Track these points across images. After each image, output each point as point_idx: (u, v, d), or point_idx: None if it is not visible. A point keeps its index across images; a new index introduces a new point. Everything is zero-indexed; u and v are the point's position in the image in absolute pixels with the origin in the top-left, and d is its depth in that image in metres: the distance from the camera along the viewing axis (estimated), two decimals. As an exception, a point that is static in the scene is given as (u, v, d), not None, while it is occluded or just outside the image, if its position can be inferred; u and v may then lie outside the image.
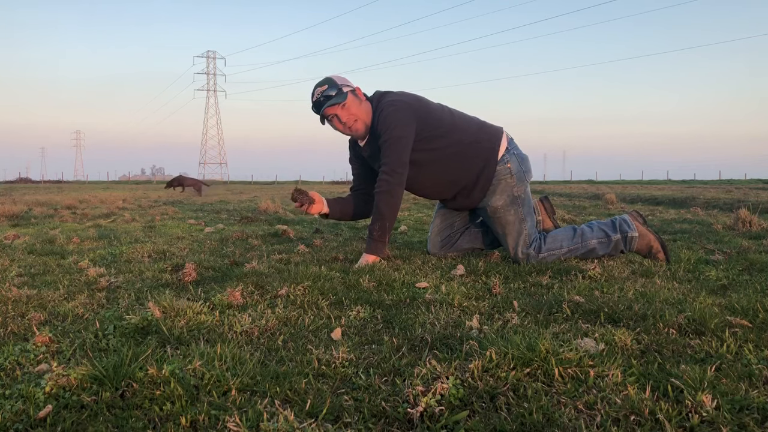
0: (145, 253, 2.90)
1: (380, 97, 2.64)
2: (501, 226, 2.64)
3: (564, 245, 2.59)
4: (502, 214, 2.63)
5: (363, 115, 2.62)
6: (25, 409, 1.02)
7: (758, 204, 6.05)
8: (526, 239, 2.59)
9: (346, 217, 2.85)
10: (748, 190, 13.34)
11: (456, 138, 2.62)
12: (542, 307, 1.71)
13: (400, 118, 2.53)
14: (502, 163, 2.64)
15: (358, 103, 2.61)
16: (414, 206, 7.40)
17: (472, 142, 2.63)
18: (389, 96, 2.63)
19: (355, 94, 2.62)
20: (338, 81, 2.62)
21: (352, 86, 2.63)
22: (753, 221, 3.89)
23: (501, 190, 2.63)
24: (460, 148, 2.61)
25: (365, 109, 2.62)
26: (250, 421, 0.96)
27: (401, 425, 0.98)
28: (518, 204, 2.63)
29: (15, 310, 1.73)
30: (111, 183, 46.71)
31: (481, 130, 2.69)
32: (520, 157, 2.70)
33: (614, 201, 8.56)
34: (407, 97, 2.64)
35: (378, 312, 1.69)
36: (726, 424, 0.94)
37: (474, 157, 2.63)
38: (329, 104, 2.56)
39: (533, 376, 1.15)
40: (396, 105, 2.56)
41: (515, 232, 2.60)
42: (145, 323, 1.52)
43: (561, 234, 2.63)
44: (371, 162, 2.75)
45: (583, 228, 2.65)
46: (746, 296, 1.77)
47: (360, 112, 2.61)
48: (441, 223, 2.87)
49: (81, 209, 6.86)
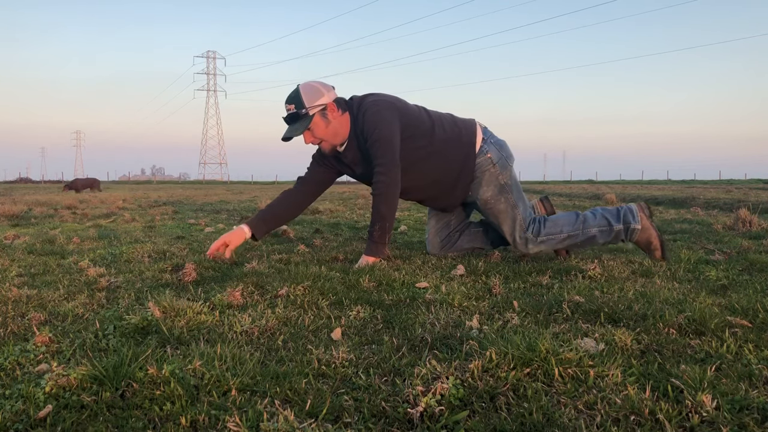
0: (145, 253, 2.90)
1: (361, 100, 2.58)
2: (494, 216, 2.65)
3: (564, 230, 2.56)
4: (493, 204, 2.63)
5: (330, 136, 2.56)
6: (25, 409, 1.02)
7: (758, 204, 6.05)
8: (522, 224, 2.58)
9: (282, 223, 2.82)
10: (748, 190, 13.35)
11: (436, 137, 2.59)
12: (542, 307, 1.71)
13: (386, 117, 2.50)
14: (482, 154, 2.62)
15: (324, 124, 2.52)
16: (414, 206, 7.40)
17: (450, 139, 2.61)
18: (371, 97, 2.58)
19: (324, 114, 2.51)
20: (308, 98, 2.49)
21: (323, 103, 2.50)
22: (753, 221, 3.89)
23: (486, 181, 2.62)
24: (440, 146, 2.59)
25: (335, 128, 2.54)
26: (250, 421, 0.96)
27: (401, 425, 0.98)
28: (507, 191, 2.62)
29: (15, 310, 1.73)
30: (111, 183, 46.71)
31: (456, 125, 2.66)
32: (498, 145, 2.67)
33: (614, 201, 8.56)
34: (388, 97, 2.61)
35: (378, 312, 1.69)
36: (726, 424, 0.94)
37: (455, 154, 2.60)
38: (292, 134, 2.51)
39: (533, 376, 1.15)
40: (380, 105, 2.52)
41: (510, 219, 2.60)
42: (145, 323, 1.52)
43: (563, 219, 2.59)
44: (353, 166, 2.67)
45: (586, 214, 2.63)
46: (746, 296, 1.77)
47: (326, 133, 2.54)
48: (437, 224, 2.86)
49: (81, 209, 6.86)
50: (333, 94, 2.57)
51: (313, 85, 2.55)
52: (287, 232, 3.83)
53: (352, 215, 5.82)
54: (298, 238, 3.66)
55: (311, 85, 2.55)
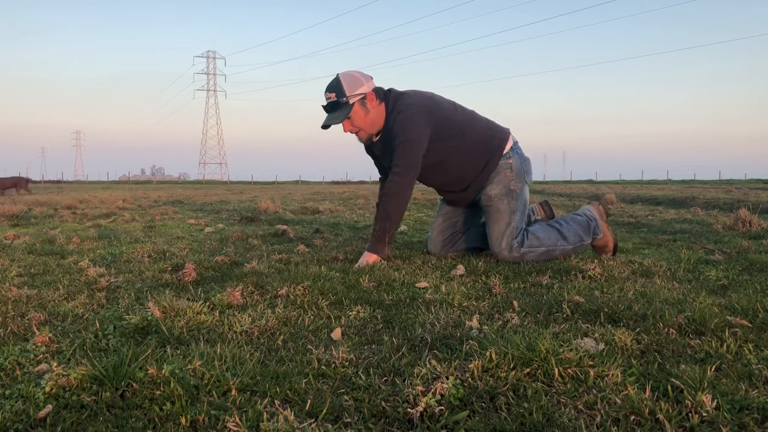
0: (145, 253, 2.90)
1: (397, 98, 2.63)
2: (492, 213, 2.68)
3: (544, 245, 2.63)
4: (495, 203, 2.67)
5: (368, 126, 2.62)
6: (25, 409, 1.02)
7: (758, 204, 6.05)
8: (513, 231, 2.62)
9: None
10: (748, 190, 13.35)
11: (467, 137, 2.66)
12: (542, 307, 1.71)
13: (415, 122, 2.55)
14: (505, 158, 2.71)
15: (364, 113, 2.58)
16: (414, 206, 7.40)
17: (481, 141, 2.69)
18: (405, 98, 2.62)
19: (363, 103, 2.57)
20: (348, 87, 2.54)
21: (363, 92, 2.56)
22: (753, 221, 3.89)
23: (498, 180, 2.69)
24: (470, 146, 2.66)
25: (372, 117, 2.61)
26: (250, 421, 0.96)
27: (401, 425, 0.98)
28: (512, 197, 2.67)
29: (15, 310, 1.73)
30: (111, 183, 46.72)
31: (489, 129, 2.75)
32: (522, 158, 2.77)
33: (614, 201, 8.55)
34: (422, 99, 2.65)
35: (378, 312, 1.69)
36: (726, 424, 0.94)
37: (481, 155, 2.68)
38: (331, 122, 2.56)
39: (533, 376, 1.15)
40: (412, 109, 2.56)
41: (504, 222, 2.63)
42: (145, 323, 1.52)
43: (542, 234, 2.65)
44: (381, 158, 2.78)
45: (562, 231, 2.68)
46: (746, 296, 1.77)
47: (365, 122, 2.60)
48: (443, 222, 2.88)
49: (81, 209, 6.86)
50: (372, 83, 2.63)
51: (353, 74, 2.60)
52: (287, 232, 3.83)
53: (352, 215, 5.82)
54: (298, 238, 3.66)
55: (351, 74, 2.60)
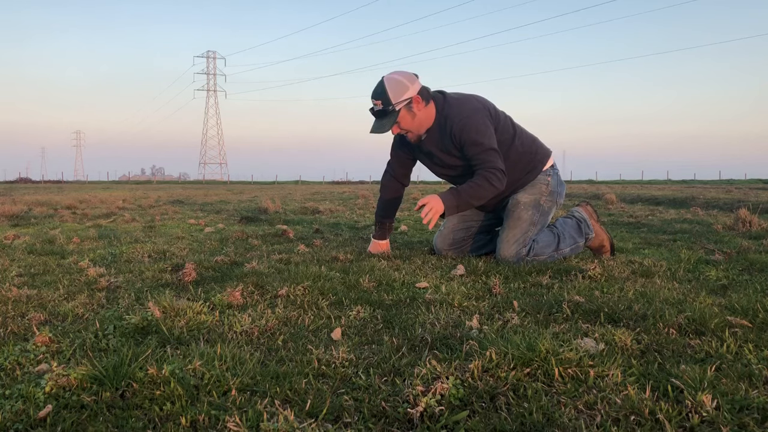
0: (145, 253, 2.90)
1: (457, 106, 2.61)
2: (513, 218, 2.69)
3: (546, 252, 2.67)
4: (520, 210, 2.69)
5: (415, 128, 2.63)
6: (25, 409, 1.02)
7: (758, 204, 6.05)
8: (525, 241, 2.65)
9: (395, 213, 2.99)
10: (748, 190, 13.35)
11: (513, 148, 2.69)
12: (542, 307, 1.71)
13: (488, 125, 2.57)
14: (545, 174, 2.78)
15: (411, 117, 2.59)
16: (414, 206, 7.39)
17: (526, 153, 2.73)
18: (469, 103, 2.63)
19: (410, 107, 2.56)
20: (393, 93, 2.52)
21: (408, 97, 2.54)
22: (753, 221, 3.89)
23: (532, 191, 2.74)
24: (515, 157, 2.69)
25: (420, 120, 2.61)
26: (250, 421, 0.96)
27: (401, 425, 0.98)
28: (538, 210, 2.71)
29: (15, 310, 1.73)
30: (111, 183, 46.72)
31: (534, 144, 2.80)
32: (559, 180, 2.84)
33: (614, 201, 8.54)
34: (482, 102, 2.68)
35: (378, 312, 1.69)
36: (726, 424, 0.94)
37: (525, 164, 2.73)
38: (380, 130, 2.57)
39: (533, 376, 1.15)
40: (481, 112, 2.59)
41: (521, 230, 2.66)
42: (145, 323, 1.52)
43: (544, 242, 2.69)
44: (430, 157, 2.75)
45: (559, 236, 2.72)
46: (746, 296, 1.77)
47: (412, 125, 2.62)
48: (459, 223, 2.89)
49: (81, 209, 6.86)
50: (417, 85, 2.60)
51: (398, 79, 2.57)
52: (287, 232, 3.83)
53: (352, 215, 5.82)
54: (298, 238, 3.66)
55: (395, 79, 2.57)
